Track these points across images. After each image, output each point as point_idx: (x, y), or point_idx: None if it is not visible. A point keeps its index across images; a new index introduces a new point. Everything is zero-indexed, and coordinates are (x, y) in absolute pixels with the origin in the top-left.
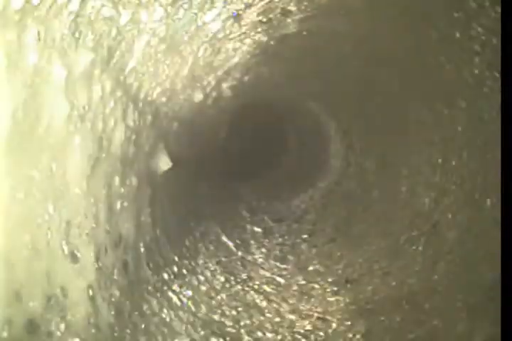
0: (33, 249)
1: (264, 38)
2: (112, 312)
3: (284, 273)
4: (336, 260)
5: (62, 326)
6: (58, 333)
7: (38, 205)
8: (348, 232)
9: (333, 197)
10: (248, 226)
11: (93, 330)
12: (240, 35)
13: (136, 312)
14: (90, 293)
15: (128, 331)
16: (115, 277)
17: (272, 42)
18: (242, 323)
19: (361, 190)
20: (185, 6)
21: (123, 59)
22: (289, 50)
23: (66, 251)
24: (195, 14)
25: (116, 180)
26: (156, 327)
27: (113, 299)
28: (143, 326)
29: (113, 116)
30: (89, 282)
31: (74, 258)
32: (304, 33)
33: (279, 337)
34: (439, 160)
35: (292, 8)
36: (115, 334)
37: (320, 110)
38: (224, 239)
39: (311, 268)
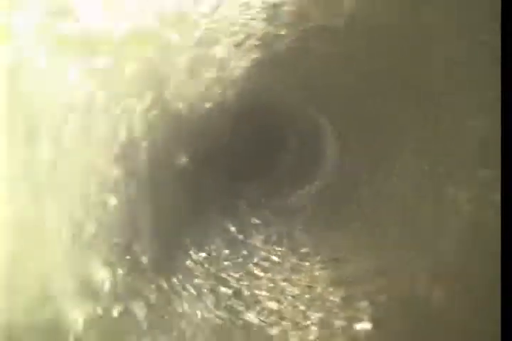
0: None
1: (261, 56)
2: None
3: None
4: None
5: None
6: None
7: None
8: (340, 225)
9: (328, 195)
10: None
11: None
12: (240, 57)
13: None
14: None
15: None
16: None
17: (267, 60)
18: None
19: (354, 189)
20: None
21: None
22: (281, 69)
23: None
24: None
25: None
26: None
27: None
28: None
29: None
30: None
31: None
32: (296, 51)
33: (273, 295)
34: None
35: (283, 32)
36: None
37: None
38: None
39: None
